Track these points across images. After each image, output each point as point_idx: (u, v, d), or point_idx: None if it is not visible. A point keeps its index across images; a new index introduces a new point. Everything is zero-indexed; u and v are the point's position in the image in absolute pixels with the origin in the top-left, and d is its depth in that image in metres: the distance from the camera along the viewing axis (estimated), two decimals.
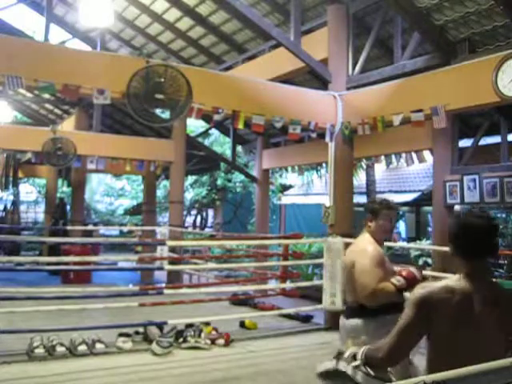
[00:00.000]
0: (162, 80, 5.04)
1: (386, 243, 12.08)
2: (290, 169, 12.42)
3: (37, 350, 4.87)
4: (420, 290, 1.97)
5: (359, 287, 2.98)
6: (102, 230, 19.33)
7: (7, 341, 5.20)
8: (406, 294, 2.75)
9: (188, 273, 9.94)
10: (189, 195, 18.22)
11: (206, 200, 18.47)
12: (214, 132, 16.48)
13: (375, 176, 12.98)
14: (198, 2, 9.27)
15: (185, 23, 10.09)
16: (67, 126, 13.12)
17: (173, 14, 9.94)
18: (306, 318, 7.01)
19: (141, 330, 5.66)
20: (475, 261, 1.97)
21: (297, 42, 7.09)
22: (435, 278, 7.36)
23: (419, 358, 5.57)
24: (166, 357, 5.14)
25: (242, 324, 6.42)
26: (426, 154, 9.14)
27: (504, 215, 11.99)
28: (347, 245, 6.56)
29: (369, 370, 2.08)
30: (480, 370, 1.36)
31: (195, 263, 9.28)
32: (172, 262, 8.27)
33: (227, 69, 10.12)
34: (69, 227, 11.65)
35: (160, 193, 17.39)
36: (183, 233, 11.27)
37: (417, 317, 1.92)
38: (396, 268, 3.08)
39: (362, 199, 13.07)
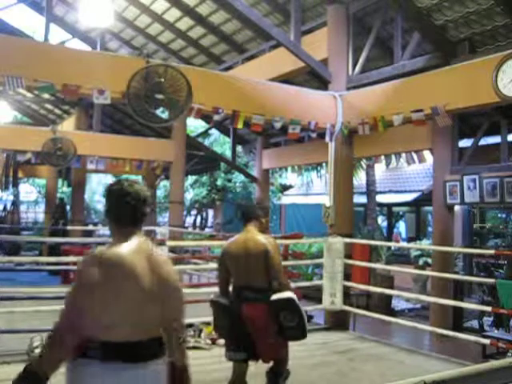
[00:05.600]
0: (162, 80, 5.03)
1: (389, 243, 11.89)
2: (289, 169, 12.43)
3: (37, 350, 4.87)
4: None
5: None
6: (102, 230, 19.30)
7: (7, 341, 5.20)
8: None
9: (188, 273, 9.93)
10: (189, 195, 18.21)
11: (205, 200, 18.46)
12: (214, 132, 16.47)
13: (375, 176, 12.98)
14: (197, 2, 9.27)
15: (185, 23, 10.09)
16: (67, 125, 13.13)
17: (173, 14, 9.94)
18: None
19: None
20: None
21: (297, 42, 7.09)
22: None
23: (416, 357, 5.57)
24: None
25: None
26: (426, 154, 9.15)
27: (504, 215, 11.99)
28: (347, 244, 6.59)
29: None
30: (480, 370, 1.36)
31: (195, 263, 9.27)
32: (172, 262, 8.26)
33: (227, 69, 10.12)
34: (69, 227, 11.65)
35: (160, 193, 17.39)
36: (183, 233, 11.27)
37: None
38: None
39: (362, 199, 13.08)
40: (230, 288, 3.75)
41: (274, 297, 3.48)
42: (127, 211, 2.06)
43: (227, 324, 3.63)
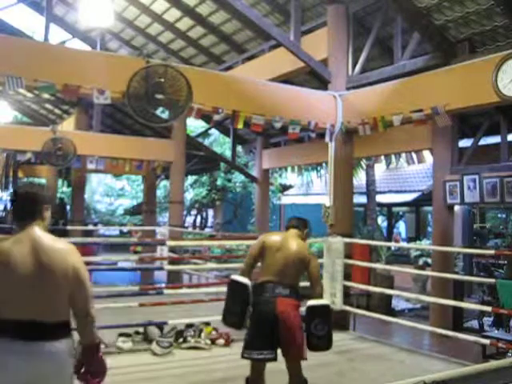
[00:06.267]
0: (162, 80, 5.03)
1: (389, 243, 11.92)
2: (289, 169, 12.44)
3: None
4: None
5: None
6: (102, 230, 19.30)
7: None
8: None
9: (188, 273, 9.93)
10: (189, 195, 18.22)
11: (205, 200, 18.47)
12: (214, 132, 16.48)
13: (375, 176, 12.98)
14: (197, 1, 9.27)
15: (185, 23, 10.09)
16: (67, 126, 13.12)
17: (173, 14, 9.94)
18: None
19: (141, 330, 5.66)
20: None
21: (297, 42, 7.09)
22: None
23: (416, 357, 5.56)
24: (166, 357, 5.14)
25: None
26: (426, 154, 9.16)
27: (504, 215, 12.00)
28: (347, 244, 6.59)
29: None
30: (480, 370, 1.36)
31: (195, 263, 9.27)
32: (172, 261, 8.27)
33: (227, 69, 10.12)
34: (69, 227, 11.65)
35: (160, 193, 17.38)
36: (183, 233, 11.27)
37: None
38: None
39: (362, 199, 13.09)
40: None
41: (312, 302, 3.56)
42: (17, 209, 2.40)
43: (241, 309, 3.56)
